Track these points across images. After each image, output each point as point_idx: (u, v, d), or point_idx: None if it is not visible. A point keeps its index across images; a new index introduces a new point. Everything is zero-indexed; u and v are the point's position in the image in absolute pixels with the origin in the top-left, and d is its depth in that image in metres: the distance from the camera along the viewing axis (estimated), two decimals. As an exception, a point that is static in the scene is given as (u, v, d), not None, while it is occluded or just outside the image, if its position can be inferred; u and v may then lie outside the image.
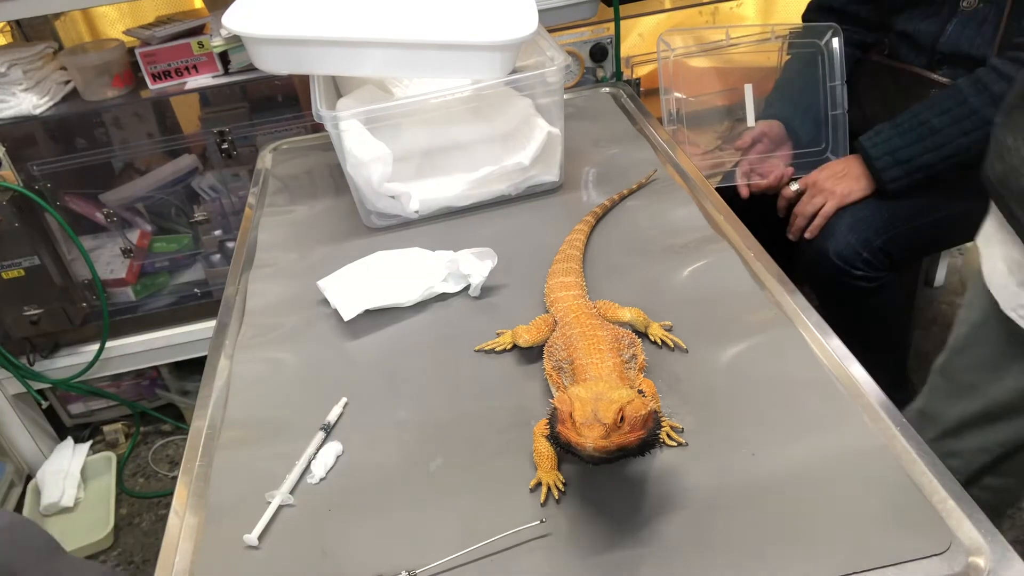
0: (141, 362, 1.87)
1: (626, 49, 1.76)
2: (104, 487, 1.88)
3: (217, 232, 1.87)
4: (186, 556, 0.68)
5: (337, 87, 1.19)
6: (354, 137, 1.02)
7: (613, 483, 0.67)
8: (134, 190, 1.81)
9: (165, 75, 1.61)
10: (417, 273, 0.95)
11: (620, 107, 1.39)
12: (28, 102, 1.56)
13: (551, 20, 1.57)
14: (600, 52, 1.71)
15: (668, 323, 0.85)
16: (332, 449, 0.75)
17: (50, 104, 1.61)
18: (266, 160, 1.38)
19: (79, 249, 1.66)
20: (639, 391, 0.65)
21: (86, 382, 1.85)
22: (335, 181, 1.26)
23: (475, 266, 0.94)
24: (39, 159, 1.66)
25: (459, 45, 0.98)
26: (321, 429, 0.77)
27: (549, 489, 0.67)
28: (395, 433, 0.77)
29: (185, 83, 1.62)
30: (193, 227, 1.85)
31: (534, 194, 1.15)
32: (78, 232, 1.67)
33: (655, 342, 0.83)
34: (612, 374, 0.71)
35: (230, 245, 1.86)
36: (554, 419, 0.63)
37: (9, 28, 1.76)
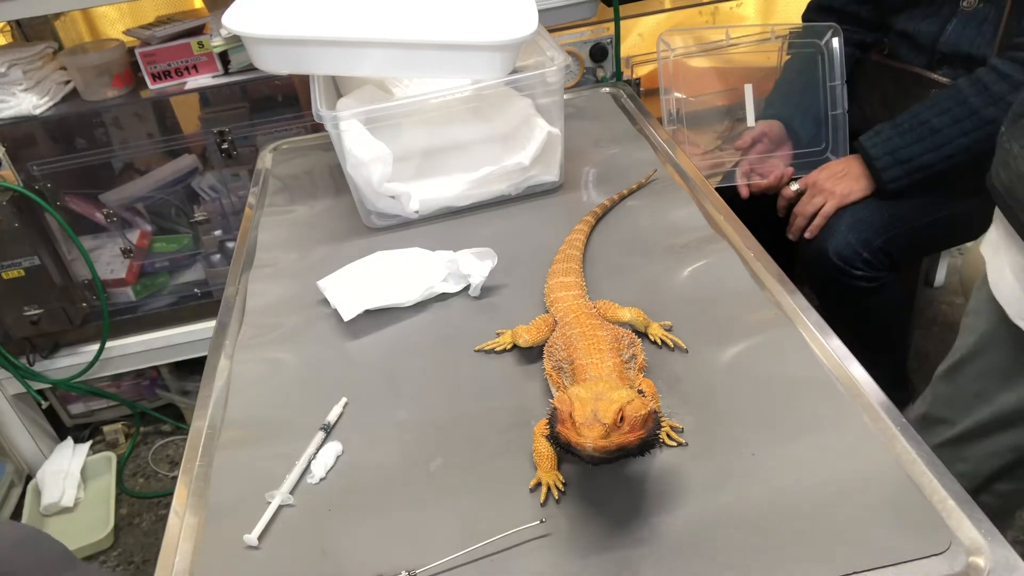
0: (141, 362, 1.87)
1: (626, 49, 1.76)
2: (104, 487, 1.88)
3: (217, 232, 1.87)
4: (186, 556, 0.68)
5: (337, 87, 1.19)
6: (354, 137, 1.02)
7: (613, 483, 0.67)
8: (134, 190, 1.81)
9: (165, 75, 1.61)
10: (417, 273, 0.95)
11: (620, 107, 1.39)
12: (28, 102, 1.56)
13: (551, 20, 1.58)
14: (600, 52, 1.71)
15: (668, 323, 0.85)
16: (332, 449, 0.75)
17: (50, 104, 1.61)
18: (266, 160, 1.38)
19: (79, 249, 1.66)
20: (639, 391, 0.65)
21: (86, 382, 1.85)
22: (335, 181, 1.26)
23: (475, 266, 0.94)
24: (39, 159, 1.66)
25: (459, 45, 0.98)
26: (321, 429, 0.77)
27: (549, 489, 0.67)
28: (395, 433, 0.77)
29: (185, 83, 1.62)
30: (193, 227, 1.85)
31: (534, 194, 1.15)
32: (78, 232, 1.67)
33: (655, 342, 0.83)
34: (612, 374, 0.71)
35: (230, 245, 1.86)
36: (554, 419, 0.63)
37: (9, 28, 1.76)
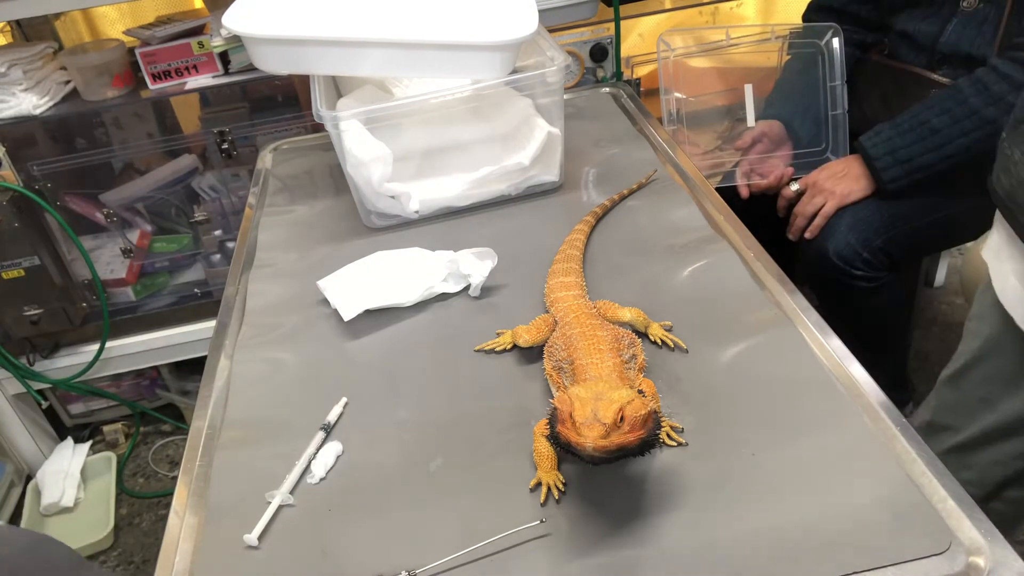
0: (141, 362, 1.87)
1: (626, 49, 1.76)
2: (104, 487, 1.88)
3: (217, 232, 1.87)
4: (186, 556, 0.68)
5: (337, 87, 1.19)
6: (354, 137, 1.02)
7: (613, 483, 0.67)
8: (134, 190, 1.81)
9: (165, 75, 1.61)
10: (417, 273, 0.95)
11: (620, 107, 1.39)
12: (28, 102, 1.56)
13: (551, 20, 1.58)
14: (600, 52, 1.71)
15: (668, 323, 0.85)
16: (332, 449, 0.75)
17: (50, 104, 1.61)
18: (266, 160, 1.38)
19: (79, 249, 1.66)
20: (639, 391, 0.65)
21: (86, 382, 1.85)
22: (335, 181, 1.26)
23: (475, 266, 0.94)
24: (39, 159, 1.66)
25: (459, 45, 0.98)
26: (321, 429, 0.77)
27: (549, 489, 0.67)
28: (395, 433, 0.77)
29: (185, 83, 1.62)
30: (193, 227, 1.85)
31: (534, 194, 1.15)
32: (78, 232, 1.67)
33: (655, 342, 0.83)
34: (612, 374, 0.71)
35: (230, 245, 1.86)
36: (554, 419, 0.63)
37: (9, 28, 1.76)
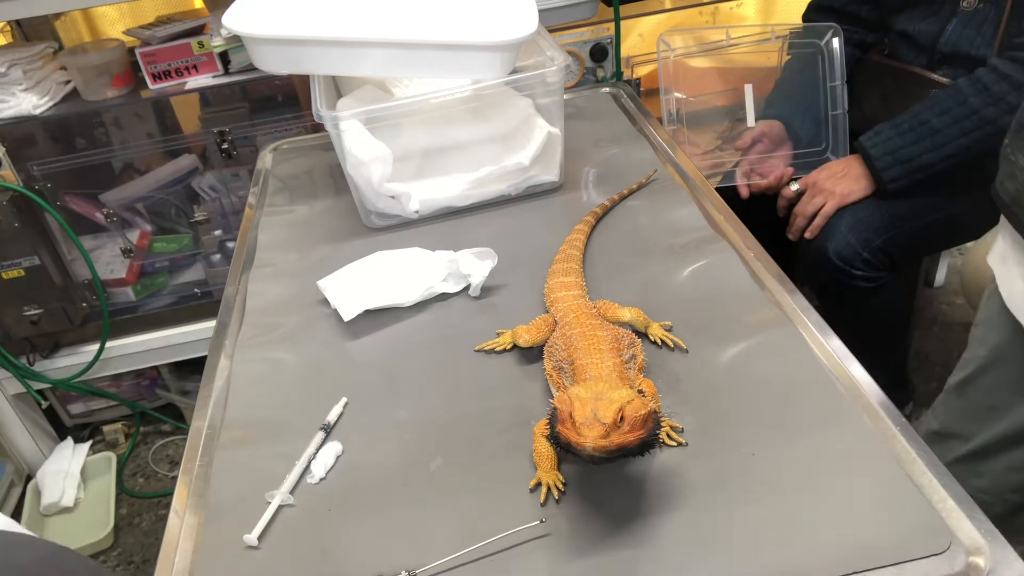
0: (141, 362, 1.87)
1: (626, 49, 1.76)
2: (104, 487, 1.88)
3: (217, 232, 1.87)
4: (186, 556, 0.68)
5: (337, 87, 1.19)
6: (354, 137, 1.02)
7: (613, 483, 0.67)
8: (134, 190, 1.81)
9: (165, 75, 1.61)
10: (417, 273, 0.95)
11: (620, 107, 1.39)
12: (28, 102, 1.56)
13: (551, 20, 1.58)
14: (600, 52, 1.71)
15: (668, 323, 0.85)
16: (332, 449, 0.75)
17: (50, 104, 1.61)
18: (266, 160, 1.38)
19: (79, 249, 1.66)
20: (639, 391, 0.65)
21: (86, 382, 1.85)
22: (335, 181, 1.26)
23: (475, 266, 0.94)
24: (39, 159, 1.66)
25: (459, 45, 0.98)
26: (321, 429, 0.77)
27: (549, 489, 0.67)
28: (395, 433, 0.77)
29: (185, 83, 1.62)
30: (193, 227, 1.85)
31: (534, 194, 1.15)
32: (78, 232, 1.67)
33: (655, 342, 0.83)
34: (612, 374, 0.71)
35: (230, 245, 1.86)
36: (554, 419, 0.63)
37: (9, 28, 1.76)
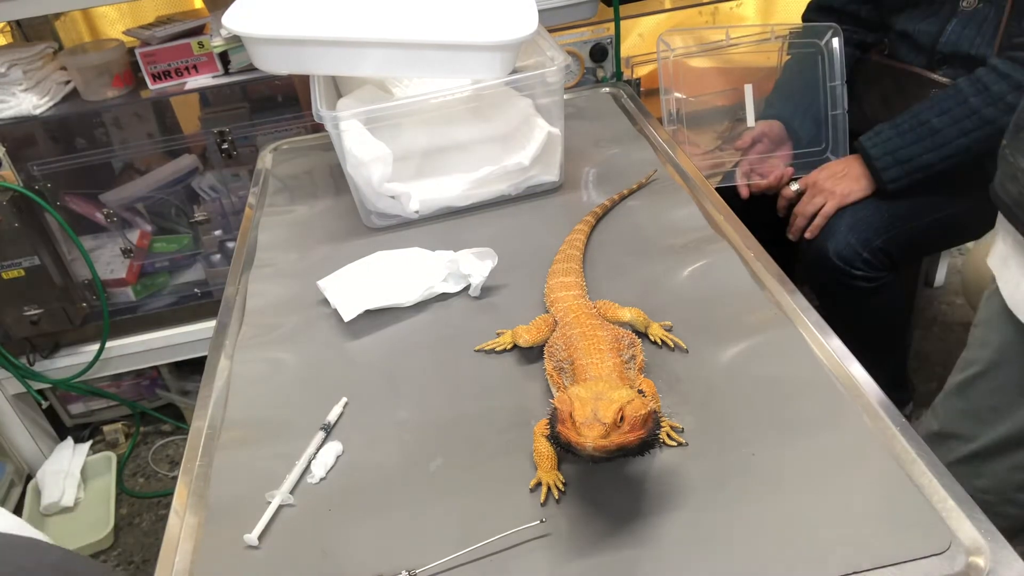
0: (141, 362, 1.87)
1: (626, 49, 1.76)
2: (104, 487, 1.88)
3: (217, 232, 1.87)
4: (186, 556, 0.68)
5: (337, 87, 1.19)
6: (354, 137, 1.02)
7: (613, 483, 0.67)
8: (134, 190, 1.81)
9: (165, 75, 1.61)
10: (417, 273, 0.95)
11: (620, 107, 1.39)
12: (28, 102, 1.56)
13: (551, 20, 1.58)
14: (600, 52, 1.71)
15: (668, 323, 0.85)
16: (332, 449, 0.75)
17: (50, 104, 1.61)
18: (266, 160, 1.38)
19: (79, 249, 1.66)
20: (639, 391, 0.65)
21: (86, 382, 1.85)
22: (335, 181, 1.26)
23: (475, 266, 0.94)
24: (39, 159, 1.66)
25: (459, 45, 0.98)
26: (321, 429, 0.77)
27: (549, 489, 0.67)
28: (395, 433, 0.77)
29: (185, 83, 1.62)
30: (193, 227, 1.85)
31: (534, 194, 1.15)
32: (78, 232, 1.67)
33: (655, 342, 0.83)
34: (612, 374, 0.71)
35: (230, 245, 1.86)
36: (554, 419, 0.63)
37: (9, 28, 1.76)
